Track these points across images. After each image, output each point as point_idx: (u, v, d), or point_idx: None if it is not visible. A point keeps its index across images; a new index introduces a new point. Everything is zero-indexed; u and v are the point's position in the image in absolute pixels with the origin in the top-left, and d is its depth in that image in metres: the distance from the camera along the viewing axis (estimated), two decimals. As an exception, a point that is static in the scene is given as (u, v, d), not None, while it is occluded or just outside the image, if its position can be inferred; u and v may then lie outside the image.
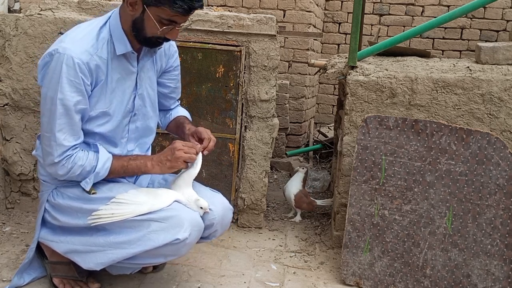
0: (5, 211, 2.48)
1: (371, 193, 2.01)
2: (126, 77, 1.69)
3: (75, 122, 1.58)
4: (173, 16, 1.53)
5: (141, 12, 1.55)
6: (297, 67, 4.42)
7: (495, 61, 2.21)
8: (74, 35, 1.59)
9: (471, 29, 5.15)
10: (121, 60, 1.66)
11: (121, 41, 1.62)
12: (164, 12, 1.52)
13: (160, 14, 1.53)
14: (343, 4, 5.40)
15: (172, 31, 1.60)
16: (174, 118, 1.98)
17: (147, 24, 1.56)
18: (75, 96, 1.54)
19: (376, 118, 2.03)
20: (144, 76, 1.75)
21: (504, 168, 1.89)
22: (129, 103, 1.72)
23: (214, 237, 1.76)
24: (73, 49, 1.53)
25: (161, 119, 2.01)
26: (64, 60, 1.51)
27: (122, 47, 1.63)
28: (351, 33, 2.20)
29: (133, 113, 1.74)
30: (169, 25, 1.56)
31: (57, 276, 1.79)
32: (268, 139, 2.44)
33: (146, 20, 1.56)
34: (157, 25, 1.55)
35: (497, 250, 1.87)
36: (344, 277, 2.01)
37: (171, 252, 1.59)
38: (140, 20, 1.57)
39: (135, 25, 1.59)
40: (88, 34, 1.60)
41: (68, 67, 1.51)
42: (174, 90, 1.96)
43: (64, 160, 1.58)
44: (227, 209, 1.78)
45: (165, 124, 2.01)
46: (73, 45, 1.54)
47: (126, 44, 1.63)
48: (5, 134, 2.43)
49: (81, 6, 2.41)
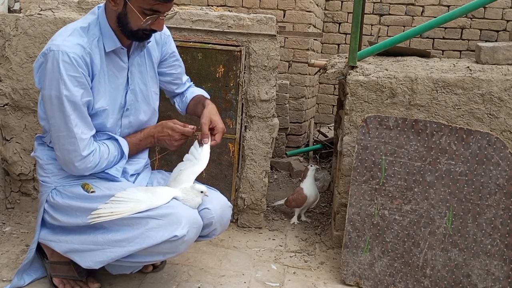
0: (5, 211, 2.48)
1: (371, 193, 2.01)
2: (118, 73, 1.70)
3: (85, 114, 1.61)
4: (155, 5, 1.55)
5: (123, 6, 1.57)
6: (297, 67, 4.42)
7: (495, 61, 2.21)
8: (64, 32, 1.61)
9: (471, 29, 5.15)
10: (112, 56, 1.67)
11: (109, 38, 1.64)
12: (145, 2, 1.54)
13: (141, 5, 1.55)
14: (343, 4, 5.40)
15: (157, 22, 1.61)
16: (191, 99, 1.99)
17: (130, 17, 1.58)
18: (79, 89, 1.56)
19: (376, 118, 2.03)
20: (135, 71, 1.77)
21: (504, 168, 1.89)
22: (121, 98, 1.73)
23: (213, 235, 1.76)
24: (66, 44, 1.55)
25: (178, 105, 2.03)
26: (60, 57, 1.52)
27: (111, 44, 1.65)
28: (351, 33, 2.20)
29: (125, 108, 1.75)
30: (152, 15, 1.57)
31: (57, 276, 1.79)
32: (268, 139, 2.44)
33: (129, 13, 1.57)
34: (140, 17, 1.56)
35: (497, 250, 1.87)
36: (344, 277, 2.01)
37: (170, 249, 1.59)
38: (124, 14, 1.59)
39: (119, 20, 1.61)
40: (77, 31, 1.61)
41: (65, 63, 1.53)
42: (178, 76, 1.97)
43: (91, 156, 1.63)
44: (226, 207, 1.78)
45: (184, 108, 2.02)
46: (65, 41, 1.56)
47: (115, 40, 1.65)
48: (5, 134, 2.44)
49: (81, 6, 2.41)
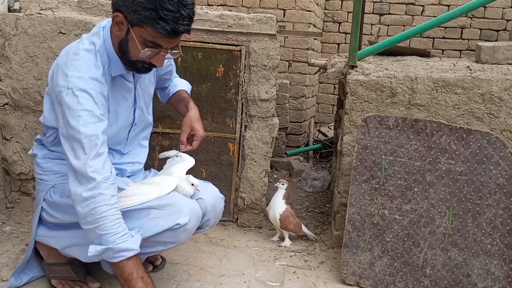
0: (5, 211, 2.48)
1: (371, 192, 2.01)
2: (126, 94, 1.70)
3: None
4: (156, 38, 1.48)
5: (126, 33, 1.51)
6: (297, 66, 4.42)
7: (495, 61, 2.21)
8: (80, 67, 1.52)
9: (471, 28, 5.15)
10: (119, 80, 1.66)
11: (115, 63, 1.60)
12: (147, 33, 1.47)
13: (143, 35, 1.48)
14: (343, 3, 5.40)
15: (157, 57, 1.54)
16: (175, 93, 2.00)
17: (131, 45, 1.52)
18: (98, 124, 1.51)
19: (376, 117, 2.03)
20: (141, 88, 1.77)
21: (504, 168, 1.89)
22: (130, 117, 1.75)
23: (207, 226, 1.80)
24: (85, 82, 1.50)
25: (160, 94, 2.05)
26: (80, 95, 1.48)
27: (117, 69, 1.62)
28: (351, 32, 2.20)
29: (134, 123, 1.78)
30: (153, 47, 1.50)
31: (55, 277, 1.79)
32: (268, 138, 2.44)
33: (130, 41, 1.51)
34: (139, 46, 1.50)
35: (497, 250, 1.87)
36: (344, 277, 2.01)
37: (171, 238, 1.60)
38: (125, 42, 1.53)
39: (121, 46, 1.55)
40: (92, 63, 1.55)
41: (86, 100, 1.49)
42: (169, 73, 1.98)
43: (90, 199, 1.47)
44: (218, 197, 1.83)
45: (165, 98, 2.04)
46: (82, 79, 1.50)
47: (120, 66, 1.61)
48: (5, 134, 2.43)
49: (81, 5, 2.41)
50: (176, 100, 1.98)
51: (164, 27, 1.45)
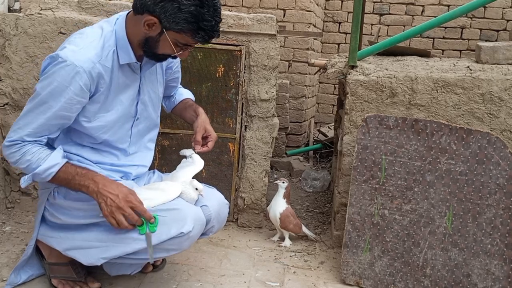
0: (5, 211, 2.48)
1: (371, 192, 2.01)
2: (130, 84, 1.69)
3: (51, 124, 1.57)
4: (190, 41, 1.56)
5: (158, 34, 1.55)
6: (297, 66, 4.42)
7: (495, 61, 2.21)
8: (79, 42, 1.56)
9: (471, 28, 5.15)
10: (125, 68, 1.66)
11: (125, 51, 1.61)
12: (183, 38, 1.54)
13: (178, 39, 1.54)
14: (343, 3, 5.40)
15: (183, 52, 1.62)
16: (181, 101, 2.02)
17: (162, 45, 1.57)
18: (68, 108, 1.54)
19: (376, 117, 2.03)
20: (147, 82, 1.76)
21: (504, 168, 1.89)
22: (132, 109, 1.73)
23: (211, 232, 1.78)
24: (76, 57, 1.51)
25: (165, 103, 2.05)
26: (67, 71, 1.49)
27: (126, 57, 1.62)
28: (351, 32, 2.20)
29: (136, 117, 1.75)
30: (184, 48, 1.59)
31: (56, 277, 1.79)
32: (268, 138, 2.44)
33: (162, 41, 1.56)
34: (173, 48, 1.57)
35: (497, 250, 1.87)
36: (344, 277, 2.01)
37: (175, 246, 1.59)
38: (155, 40, 1.56)
39: (147, 42, 1.58)
40: (92, 42, 1.57)
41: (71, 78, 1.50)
42: (178, 80, 2.00)
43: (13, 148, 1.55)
44: (223, 204, 1.81)
45: (170, 108, 2.06)
46: (76, 53, 1.52)
47: (130, 54, 1.62)
48: (5, 134, 2.43)
49: (81, 5, 2.41)
50: (183, 107, 2.00)
51: (203, 36, 1.53)
